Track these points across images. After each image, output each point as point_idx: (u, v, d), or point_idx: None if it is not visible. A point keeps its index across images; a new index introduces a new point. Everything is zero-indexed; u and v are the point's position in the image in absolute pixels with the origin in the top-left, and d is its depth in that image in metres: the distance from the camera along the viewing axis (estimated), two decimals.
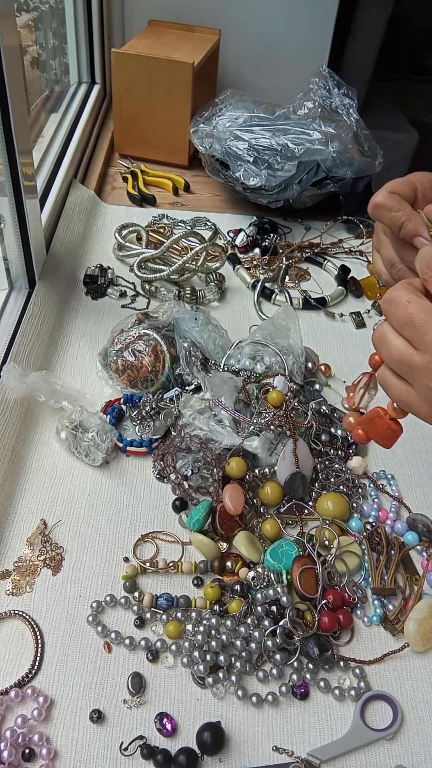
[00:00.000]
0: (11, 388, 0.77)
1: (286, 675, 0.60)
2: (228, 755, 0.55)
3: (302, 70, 1.37)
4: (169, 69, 1.26)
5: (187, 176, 1.36)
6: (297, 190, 1.15)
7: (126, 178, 1.34)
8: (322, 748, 0.56)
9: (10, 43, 0.76)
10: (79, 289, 1.03)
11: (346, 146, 1.18)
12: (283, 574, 0.65)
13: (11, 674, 0.58)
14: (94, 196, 1.24)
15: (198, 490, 0.74)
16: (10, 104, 0.77)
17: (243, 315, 1.03)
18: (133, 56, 1.27)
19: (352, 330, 1.02)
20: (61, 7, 1.41)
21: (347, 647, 0.63)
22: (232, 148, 1.18)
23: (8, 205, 0.87)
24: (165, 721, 0.56)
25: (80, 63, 1.51)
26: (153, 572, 0.67)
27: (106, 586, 0.65)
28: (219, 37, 1.44)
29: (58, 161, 1.22)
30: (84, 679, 0.59)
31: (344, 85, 1.27)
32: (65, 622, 0.62)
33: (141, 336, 0.84)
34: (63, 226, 1.10)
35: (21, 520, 0.70)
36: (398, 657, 0.63)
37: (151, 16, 1.49)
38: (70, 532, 0.70)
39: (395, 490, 0.78)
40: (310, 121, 1.22)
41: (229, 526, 0.70)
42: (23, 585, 0.65)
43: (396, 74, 2.83)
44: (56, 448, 0.77)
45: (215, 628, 0.62)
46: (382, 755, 0.56)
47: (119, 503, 0.73)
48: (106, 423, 0.76)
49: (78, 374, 0.88)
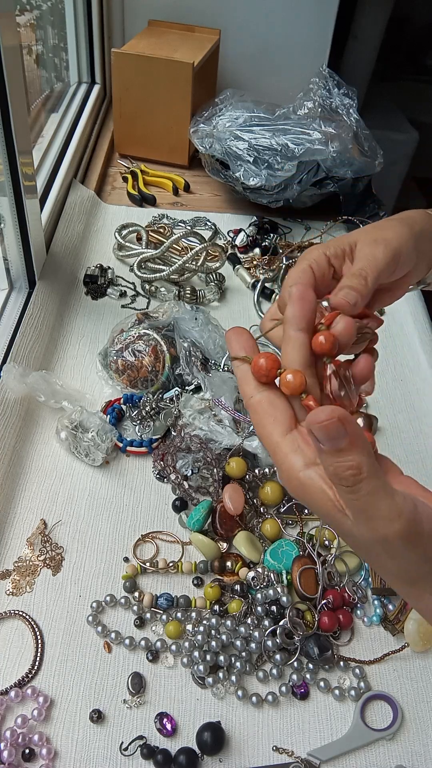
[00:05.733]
0: (11, 388, 0.77)
1: (286, 675, 0.60)
2: (228, 755, 0.55)
3: (302, 70, 1.37)
4: (169, 69, 1.26)
5: (187, 176, 1.36)
6: (297, 190, 1.15)
7: (126, 178, 1.34)
8: (322, 748, 0.56)
9: (10, 43, 0.76)
10: (79, 289, 1.03)
11: (346, 146, 1.18)
12: (283, 574, 0.65)
13: (11, 674, 0.58)
14: (94, 196, 1.24)
15: (198, 490, 0.74)
16: (10, 104, 0.77)
17: (243, 315, 1.03)
18: (133, 56, 1.27)
19: None
20: (61, 6, 1.41)
21: (347, 647, 0.63)
22: (232, 148, 1.18)
23: (8, 205, 0.87)
24: (165, 721, 0.56)
25: (80, 63, 1.51)
26: (153, 572, 0.67)
27: (106, 586, 0.65)
28: (219, 37, 1.44)
29: (58, 161, 1.22)
30: (84, 679, 0.59)
31: (344, 85, 1.27)
32: (65, 622, 0.62)
33: (141, 336, 0.84)
34: (63, 226, 1.10)
35: (21, 520, 0.70)
36: (398, 657, 0.63)
37: (151, 16, 1.49)
38: (70, 532, 0.70)
39: None
40: (310, 121, 1.22)
41: (229, 526, 0.70)
42: (23, 585, 0.65)
43: (396, 74, 2.84)
44: (56, 448, 0.77)
45: (215, 628, 0.62)
46: (382, 755, 0.56)
47: (119, 503, 0.73)
48: (106, 423, 0.76)
49: (78, 374, 0.88)
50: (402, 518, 0.32)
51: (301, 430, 0.36)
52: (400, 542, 0.32)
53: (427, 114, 2.56)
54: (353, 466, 0.32)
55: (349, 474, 0.32)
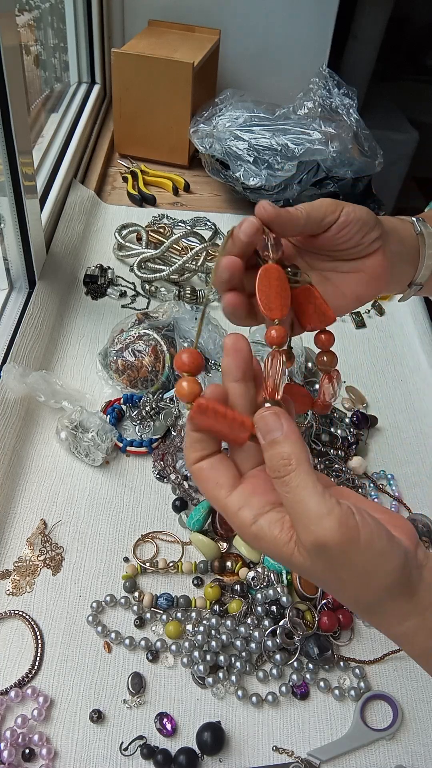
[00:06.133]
0: (11, 388, 0.77)
1: (286, 675, 0.60)
2: (228, 755, 0.55)
3: (302, 70, 1.37)
4: (169, 69, 1.26)
5: (187, 176, 1.36)
6: (297, 190, 1.15)
7: (126, 178, 1.34)
8: (322, 748, 0.56)
9: (10, 43, 0.76)
10: (79, 289, 1.03)
11: (346, 146, 1.18)
12: (283, 574, 0.65)
13: (11, 674, 0.58)
14: (94, 196, 1.24)
15: (198, 490, 0.74)
16: (10, 104, 0.77)
17: None
18: (133, 56, 1.27)
19: (352, 330, 1.02)
20: (61, 6, 1.41)
21: (347, 647, 0.63)
22: (232, 148, 1.18)
23: (8, 205, 0.87)
24: (165, 721, 0.56)
25: (80, 63, 1.51)
26: (153, 572, 0.67)
27: (106, 586, 0.65)
28: (219, 37, 1.44)
29: (58, 161, 1.22)
30: (84, 679, 0.59)
31: (344, 85, 1.27)
32: (65, 622, 0.62)
33: (141, 336, 0.84)
34: (63, 226, 1.10)
35: (21, 520, 0.70)
36: (398, 657, 0.63)
37: (151, 16, 1.49)
38: (70, 532, 0.70)
39: (395, 490, 0.78)
40: (310, 121, 1.22)
41: (229, 526, 0.70)
42: (23, 585, 0.65)
43: (396, 74, 2.84)
44: (56, 448, 0.77)
45: (215, 628, 0.62)
46: (382, 755, 0.56)
47: (119, 503, 0.73)
48: (106, 423, 0.76)
49: (78, 374, 0.88)
50: (332, 517, 0.32)
51: (245, 481, 0.38)
52: (337, 550, 0.33)
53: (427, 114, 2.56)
54: (285, 456, 0.35)
55: (281, 464, 0.35)
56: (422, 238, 0.50)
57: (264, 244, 0.42)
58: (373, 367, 0.95)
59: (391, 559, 0.34)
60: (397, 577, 0.34)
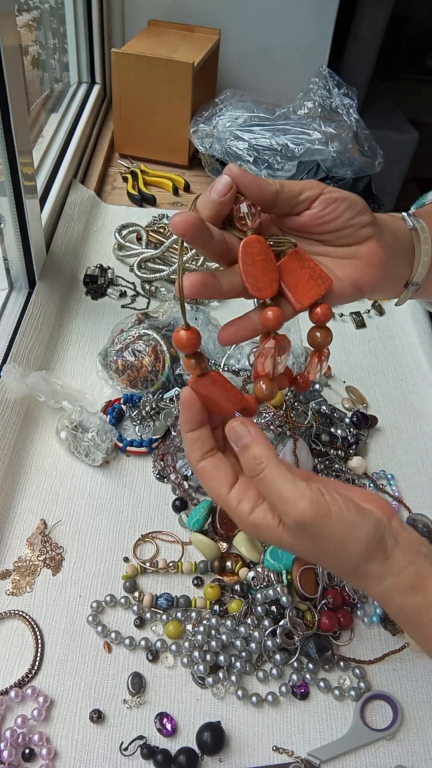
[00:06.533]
0: (11, 388, 0.77)
1: (286, 675, 0.60)
2: (228, 755, 0.55)
3: (302, 70, 1.37)
4: (169, 69, 1.26)
5: (187, 176, 1.36)
6: None
7: (126, 178, 1.34)
8: (322, 748, 0.56)
9: (10, 43, 0.76)
10: (79, 289, 1.03)
11: (346, 146, 1.18)
12: (283, 574, 0.65)
13: (11, 674, 0.58)
14: (94, 196, 1.24)
15: (198, 490, 0.74)
16: (10, 104, 0.77)
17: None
18: (133, 56, 1.27)
19: (352, 330, 1.02)
20: (61, 6, 1.41)
21: (347, 647, 0.63)
22: (232, 148, 1.18)
23: (8, 205, 0.87)
24: (165, 721, 0.56)
25: (80, 63, 1.51)
26: (153, 572, 0.67)
27: (106, 586, 0.65)
28: (219, 37, 1.43)
29: (58, 161, 1.22)
30: (84, 679, 0.59)
31: (344, 85, 1.27)
32: (65, 622, 0.62)
33: (141, 336, 0.84)
34: (63, 226, 1.10)
35: (21, 520, 0.70)
36: (398, 657, 0.63)
37: (151, 16, 1.49)
38: (70, 532, 0.70)
39: (395, 490, 0.78)
40: (310, 121, 1.22)
41: (229, 526, 0.70)
42: (23, 585, 0.65)
43: (396, 74, 2.84)
44: (56, 448, 0.77)
45: (215, 628, 0.62)
46: (382, 755, 0.56)
47: (119, 503, 0.73)
48: (106, 423, 0.76)
49: (78, 374, 0.88)
50: (305, 498, 0.38)
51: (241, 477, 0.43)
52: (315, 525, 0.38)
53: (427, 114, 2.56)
54: (255, 457, 0.41)
55: (255, 464, 0.41)
56: (416, 233, 0.49)
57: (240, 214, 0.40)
58: (373, 367, 0.95)
59: (362, 527, 0.39)
60: (371, 543, 0.39)
